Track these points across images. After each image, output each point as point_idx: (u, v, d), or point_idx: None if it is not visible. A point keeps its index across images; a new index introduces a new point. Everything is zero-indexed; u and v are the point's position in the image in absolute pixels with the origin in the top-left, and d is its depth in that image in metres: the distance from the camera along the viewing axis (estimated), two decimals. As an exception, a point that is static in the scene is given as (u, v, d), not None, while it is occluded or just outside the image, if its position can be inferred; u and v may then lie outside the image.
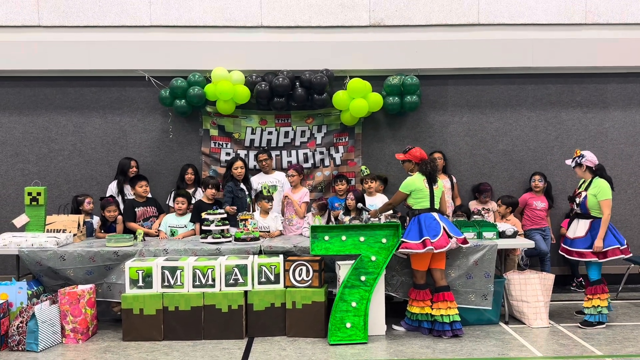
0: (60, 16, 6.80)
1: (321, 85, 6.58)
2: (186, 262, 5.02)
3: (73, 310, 4.93)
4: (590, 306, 5.25)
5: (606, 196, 5.16)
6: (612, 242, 5.17)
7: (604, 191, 5.18)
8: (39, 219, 5.76)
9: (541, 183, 6.60)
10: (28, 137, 6.94)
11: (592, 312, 5.24)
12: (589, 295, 5.27)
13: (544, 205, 6.56)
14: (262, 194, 6.09)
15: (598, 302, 5.22)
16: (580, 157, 5.32)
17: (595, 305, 5.23)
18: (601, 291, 5.24)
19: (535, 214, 6.54)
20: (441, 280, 5.07)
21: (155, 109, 6.95)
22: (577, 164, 5.34)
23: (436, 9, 6.89)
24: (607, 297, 5.26)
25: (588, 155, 5.32)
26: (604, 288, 5.26)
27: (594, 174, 5.31)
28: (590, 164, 5.31)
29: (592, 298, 5.24)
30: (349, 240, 4.99)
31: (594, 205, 5.22)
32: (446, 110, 7.05)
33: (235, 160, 6.31)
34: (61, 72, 6.82)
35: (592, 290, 5.25)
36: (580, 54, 6.80)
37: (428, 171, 5.11)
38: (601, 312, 5.24)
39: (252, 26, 6.87)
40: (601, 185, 5.21)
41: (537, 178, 6.61)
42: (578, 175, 5.43)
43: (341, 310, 4.88)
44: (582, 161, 5.30)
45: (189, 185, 6.52)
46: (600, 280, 5.27)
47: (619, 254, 5.15)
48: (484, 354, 4.60)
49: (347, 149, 6.99)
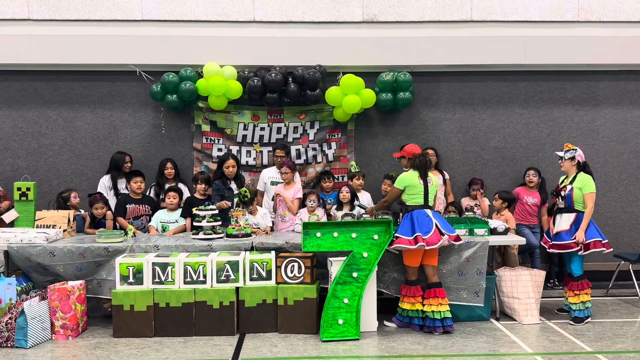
0: (51, 10, 6.73)
1: (314, 81, 6.55)
2: (177, 259, 4.99)
3: (63, 306, 4.89)
4: (578, 302, 5.31)
5: (591, 189, 5.28)
6: (594, 234, 5.26)
7: (588, 185, 5.30)
8: (28, 215, 5.71)
9: (535, 178, 6.63)
10: (17, 131, 6.87)
11: (580, 307, 5.31)
12: (575, 291, 5.33)
13: (535, 201, 6.59)
14: (240, 199, 5.85)
15: (585, 297, 5.31)
16: (574, 150, 5.40)
17: (583, 301, 5.30)
18: (587, 286, 5.34)
19: (526, 209, 6.57)
20: (433, 276, 5.07)
21: (146, 104, 6.90)
22: (571, 157, 5.39)
23: (429, 6, 6.88)
24: (590, 291, 5.37)
25: (580, 151, 5.45)
26: (588, 282, 5.36)
27: (579, 169, 5.41)
28: (580, 159, 5.42)
29: (579, 294, 5.31)
30: (340, 236, 4.98)
31: (579, 199, 5.31)
32: (439, 107, 7.05)
33: (227, 158, 6.19)
34: (51, 66, 6.75)
35: (579, 285, 5.32)
36: (572, 51, 6.82)
37: (417, 165, 5.12)
38: (588, 307, 5.34)
39: (245, 21, 6.83)
40: (586, 180, 5.33)
41: (531, 173, 6.65)
42: (564, 168, 5.49)
43: (333, 307, 4.88)
44: (576, 155, 5.39)
45: (169, 180, 6.46)
46: (583, 275, 5.36)
47: (600, 246, 5.24)
48: (475, 350, 4.62)
49: (340, 145, 6.98)
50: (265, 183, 6.46)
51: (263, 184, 6.47)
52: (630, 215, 7.10)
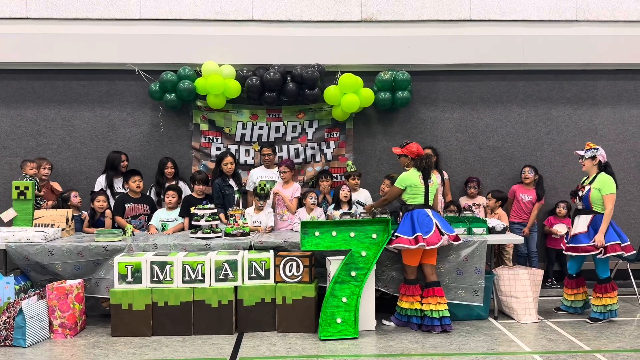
0: (49, 8, 6.72)
1: (312, 80, 6.55)
2: (176, 258, 4.99)
3: (61, 305, 4.89)
4: (600, 304, 5.27)
5: (610, 191, 5.19)
6: (613, 237, 5.18)
7: (608, 186, 5.20)
8: (26, 214, 5.71)
9: (531, 175, 6.63)
10: (16, 130, 6.86)
11: (602, 310, 5.27)
12: (598, 294, 5.29)
13: (530, 199, 6.60)
14: (257, 191, 5.97)
15: (608, 301, 5.25)
16: (595, 150, 5.32)
17: (605, 304, 5.26)
18: (611, 289, 5.27)
19: (521, 207, 6.58)
20: (432, 275, 5.08)
21: (145, 103, 6.89)
22: (592, 156, 5.32)
23: (428, 5, 6.88)
24: (616, 294, 5.29)
25: (602, 150, 5.35)
26: (613, 286, 5.30)
27: (600, 169, 5.33)
28: (602, 159, 5.33)
29: (601, 297, 5.26)
30: (339, 235, 4.98)
31: (597, 200, 5.23)
32: (437, 106, 7.05)
33: (225, 155, 6.29)
34: (50, 65, 6.74)
35: (602, 289, 5.27)
36: (570, 50, 6.83)
37: (423, 167, 5.12)
38: (611, 310, 5.29)
39: (243, 20, 6.83)
40: (606, 180, 5.23)
41: (526, 170, 6.65)
42: (585, 168, 5.41)
43: (332, 306, 4.88)
44: (598, 154, 5.31)
45: (169, 179, 6.47)
46: (609, 278, 5.30)
47: (619, 250, 5.16)
48: (473, 349, 4.62)
49: (339, 144, 6.98)
50: (254, 182, 6.43)
51: (252, 184, 6.44)
52: (628, 214, 7.11)
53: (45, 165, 6.24)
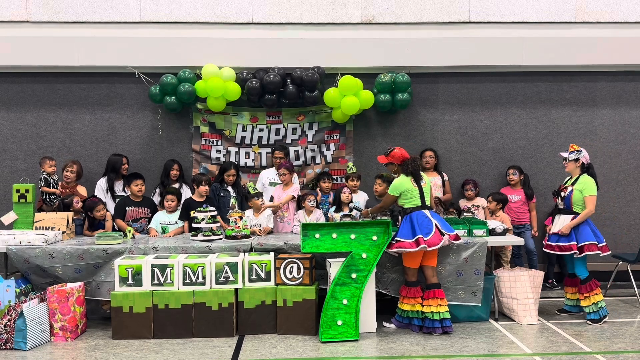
0: (49, 12, 6.73)
1: (312, 82, 6.56)
2: (176, 260, 4.99)
3: (62, 308, 4.89)
4: (589, 304, 5.29)
5: (591, 192, 5.27)
6: (589, 237, 5.25)
7: (589, 187, 5.29)
8: (27, 217, 5.71)
9: (515, 176, 6.66)
10: (16, 133, 6.87)
11: (594, 309, 5.29)
12: (584, 293, 5.31)
13: (518, 198, 6.61)
14: (250, 193, 6.05)
15: (596, 298, 5.28)
16: (579, 152, 5.39)
17: (594, 302, 5.28)
18: (595, 286, 5.30)
19: (511, 208, 6.59)
20: (432, 277, 5.08)
21: (145, 106, 6.90)
22: (575, 158, 5.39)
23: (427, 7, 6.90)
24: (600, 290, 5.32)
25: (585, 152, 5.44)
26: (596, 282, 5.33)
27: (583, 171, 5.39)
28: (585, 161, 5.41)
29: (589, 296, 5.29)
30: (339, 237, 4.99)
31: (578, 201, 5.30)
32: (437, 108, 7.06)
33: (229, 168, 6.33)
34: (50, 68, 6.75)
35: (587, 288, 5.30)
36: (570, 52, 6.84)
37: (410, 171, 5.11)
38: (602, 307, 5.31)
39: (243, 22, 6.84)
40: (588, 182, 5.32)
41: (511, 172, 6.69)
42: (568, 169, 5.49)
43: (332, 308, 4.88)
44: (581, 156, 5.38)
45: (174, 181, 6.48)
46: (589, 276, 5.33)
47: (595, 249, 5.23)
48: (474, 350, 4.62)
49: (339, 146, 6.98)
50: (263, 184, 6.48)
51: (262, 185, 6.49)
52: (628, 215, 7.12)
53: (69, 167, 6.19)
